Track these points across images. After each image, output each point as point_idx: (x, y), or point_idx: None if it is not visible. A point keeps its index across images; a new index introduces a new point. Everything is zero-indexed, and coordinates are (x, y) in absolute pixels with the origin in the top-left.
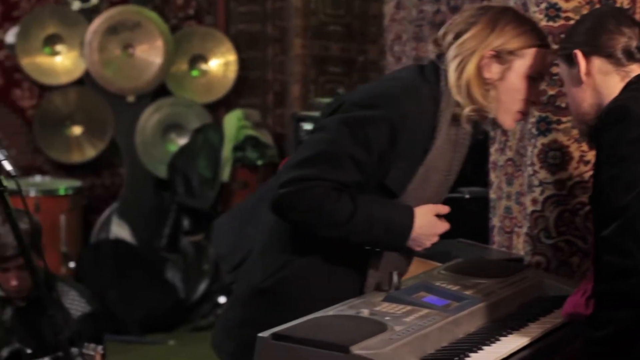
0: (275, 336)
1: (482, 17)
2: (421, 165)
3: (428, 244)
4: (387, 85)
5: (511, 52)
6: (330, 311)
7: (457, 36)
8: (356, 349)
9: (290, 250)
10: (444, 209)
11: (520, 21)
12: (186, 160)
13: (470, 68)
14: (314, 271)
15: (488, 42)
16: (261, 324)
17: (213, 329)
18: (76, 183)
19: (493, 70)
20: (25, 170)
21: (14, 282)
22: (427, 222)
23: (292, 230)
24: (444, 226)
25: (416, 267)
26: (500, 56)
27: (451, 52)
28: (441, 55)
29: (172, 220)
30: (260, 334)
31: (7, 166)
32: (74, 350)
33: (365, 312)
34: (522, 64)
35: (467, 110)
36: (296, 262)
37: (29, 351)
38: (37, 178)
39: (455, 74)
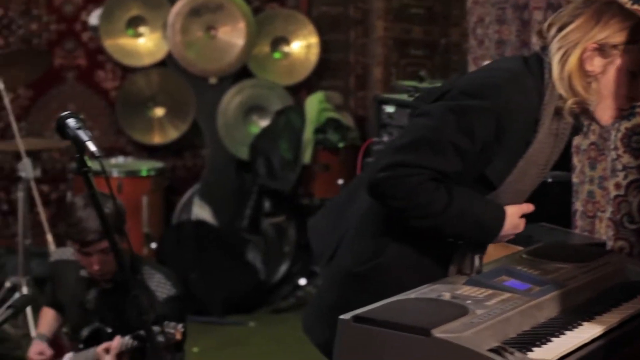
0: (357, 319)
1: (587, 9)
2: (522, 158)
3: (504, 240)
4: (494, 75)
5: (614, 46)
6: (412, 294)
7: (561, 28)
8: (437, 332)
9: (384, 236)
10: (530, 209)
11: (626, 15)
12: (268, 142)
13: (573, 60)
14: (405, 258)
15: (592, 34)
16: (353, 309)
17: (305, 313)
18: (158, 164)
19: (595, 64)
20: (108, 151)
21: (96, 267)
22: (514, 223)
23: (386, 215)
24: (523, 226)
25: (497, 251)
26: (603, 49)
27: (555, 45)
28: (545, 48)
29: (253, 202)
30: (341, 317)
31: (91, 147)
32: (156, 328)
33: (446, 296)
34: (625, 58)
35: (569, 102)
36: (389, 249)
37: (109, 331)
38: (120, 159)
39: (558, 66)
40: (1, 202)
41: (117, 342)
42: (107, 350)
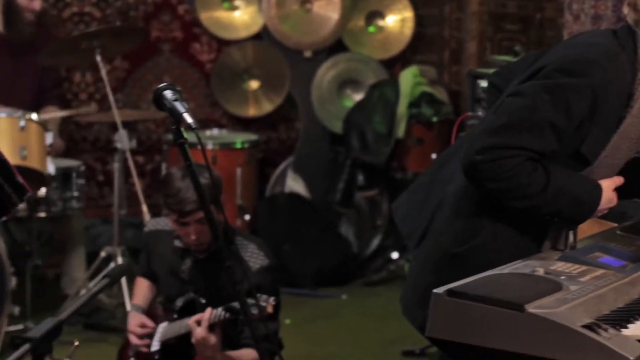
0: (450, 293)
1: None
2: (616, 133)
3: (598, 215)
4: (588, 51)
5: None
6: (506, 269)
7: None
8: (531, 308)
9: (481, 216)
10: (621, 181)
11: None
12: (361, 116)
13: None
14: (502, 237)
15: None
16: None
17: (402, 295)
18: (252, 137)
19: None
20: (202, 123)
21: (193, 237)
22: (609, 198)
23: (482, 195)
24: (615, 200)
25: (591, 227)
26: None
27: None
28: (638, 21)
29: (346, 175)
30: (435, 290)
31: (188, 119)
32: (249, 301)
33: (540, 271)
34: None
35: None
36: (487, 229)
37: (203, 301)
38: (215, 131)
39: None
40: (97, 173)
41: (209, 314)
42: (198, 323)
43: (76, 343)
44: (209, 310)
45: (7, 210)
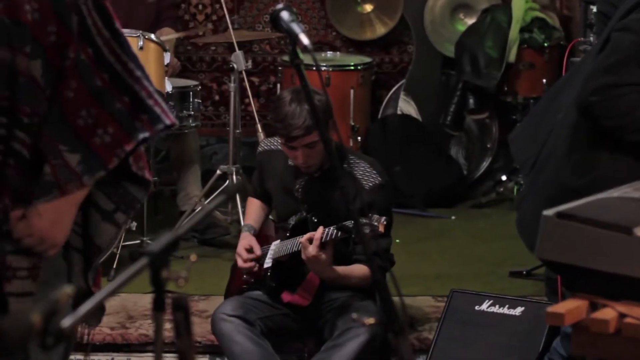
0: (560, 215)
1: None
2: None
3: None
4: None
5: None
6: (615, 193)
7: None
8: (639, 232)
9: (598, 148)
10: None
11: None
12: (474, 40)
13: None
14: (620, 169)
15: None
16: None
17: (521, 226)
18: (366, 59)
19: None
20: (317, 45)
21: (301, 160)
22: None
23: (598, 129)
24: None
25: None
26: None
27: None
28: None
29: (457, 98)
30: (545, 212)
31: (304, 39)
32: (362, 220)
33: None
34: None
35: None
36: (605, 160)
37: (315, 220)
38: (329, 54)
39: None
40: (213, 93)
41: (320, 233)
42: (310, 241)
43: (193, 258)
44: (320, 228)
45: (161, 122)
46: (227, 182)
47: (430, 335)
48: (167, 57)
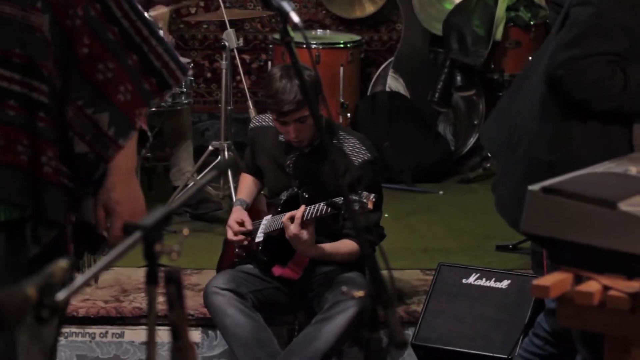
0: (545, 190)
1: None
2: None
3: None
4: None
5: None
6: (599, 168)
7: None
8: (623, 206)
9: (569, 121)
10: None
11: None
12: (461, 18)
13: None
14: (593, 140)
15: None
16: None
17: (500, 206)
18: (355, 37)
19: None
20: (307, 24)
21: (292, 134)
22: None
23: (567, 102)
24: None
25: None
26: None
27: None
28: None
29: (445, 75)
30: (530, 187)
31: (295, 17)
32: (351, 196)
33: (633, 170)
34: None
35: None
36: (576, 132)
37: (306, 195)
38: (319, 32)
39: None
40: (205, 70)
41: (301, 212)
42: (292, 219)
43: (186, 232)
44: (302, 207)
45: (165, 88)
46: (219, 158)
47: (419, 308)
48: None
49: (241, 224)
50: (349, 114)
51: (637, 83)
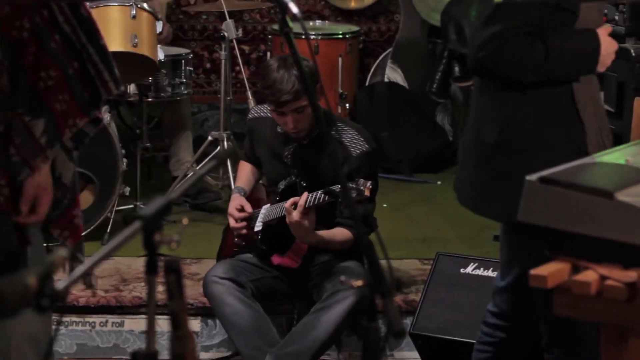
0: (543, 180)
1: None
2: None
3: (609, 62)
4: None
5: None
6: (597, 158)
7: None
8: (620, 196)
9: (503, 100)
10: (610, 29)
11: None
12: (459, 9)
13: None
14: (530, 114)
15: None
16: (508, 178)
17: (461, 195)
18: (354, 28)
19: None
20: (306, 14)
21: (290, 125)
22: (607, 41)
23: (496, 81)
24: (616, 44)
25: None
26: None
27: None
28: None
29: (443, 66)
30: (527, 177)
31: (293, 8)
32: (349, 184)
33: (630, 161)
34: None
35: None
36: (511, 110)
37: (304, 184)
38: (317, 22)
39: None
40: (204, 61)
41: (304, 199)
42: (294, 206)
43: (185, 222)
44: (305, 194)
45: (100, 98)
46: (219, 148)
47: (417, 297)
48: (160, 26)
49: (241, 210)
50: (347, 105)
51: (559, 47)
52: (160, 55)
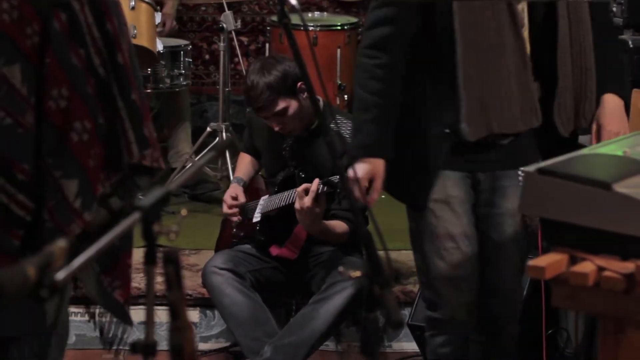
0: (541, 171)
1: None
2: None
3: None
4: None
5: None
6: (595, 149)
7: None
8: (618, 187)
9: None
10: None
11: None
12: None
13: None
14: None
15: None
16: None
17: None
18: (352, 19)
19: None
20: (304, 6)
21: (276, 128)
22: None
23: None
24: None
25: None
26: None
27: None
28: None
29: None
30: (524, 168)
31: (292, 0)
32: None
33: (628, 152)
34: None
35: None
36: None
37: (302, 175)
38: (316, 14)
39: None
40: (203, 52)
41: (317, 185)
42: (306, 192)
43: (184, 213)
44: (316, 181)
45: (121, 160)
46: (217, 139)
47: (415, 289)
48: (158, 17)
49: (235, 198)
50: (346, 96)
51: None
52: (159, 47)
